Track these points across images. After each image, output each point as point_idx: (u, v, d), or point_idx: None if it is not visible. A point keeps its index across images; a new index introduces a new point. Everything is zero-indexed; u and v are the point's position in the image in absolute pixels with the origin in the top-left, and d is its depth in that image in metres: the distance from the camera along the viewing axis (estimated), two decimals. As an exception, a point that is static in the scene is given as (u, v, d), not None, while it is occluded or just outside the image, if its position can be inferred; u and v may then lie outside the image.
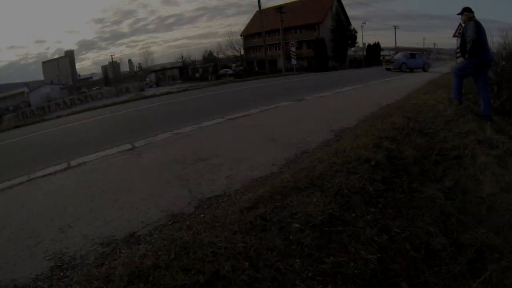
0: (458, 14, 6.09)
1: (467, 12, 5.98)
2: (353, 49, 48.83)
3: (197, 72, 62.32)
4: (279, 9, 29.59)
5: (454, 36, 17.71)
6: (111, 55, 63.41)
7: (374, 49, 46.57)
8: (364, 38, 60.73)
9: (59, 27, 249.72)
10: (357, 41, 47.49)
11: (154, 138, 4.31)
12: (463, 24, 6.33)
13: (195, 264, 1.52)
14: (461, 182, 2.86)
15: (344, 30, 43.50)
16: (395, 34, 58.84)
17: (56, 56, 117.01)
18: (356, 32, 46.05)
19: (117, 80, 67.08)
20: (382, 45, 50.73)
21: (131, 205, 2.38)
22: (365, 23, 62.05)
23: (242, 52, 53.50)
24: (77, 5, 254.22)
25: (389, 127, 3.90)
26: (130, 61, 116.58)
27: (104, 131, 6.19)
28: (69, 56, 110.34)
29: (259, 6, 25.89)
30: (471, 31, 5.68)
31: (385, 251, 1.79)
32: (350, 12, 46.81)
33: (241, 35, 55.55)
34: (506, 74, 8.45)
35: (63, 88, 70.81)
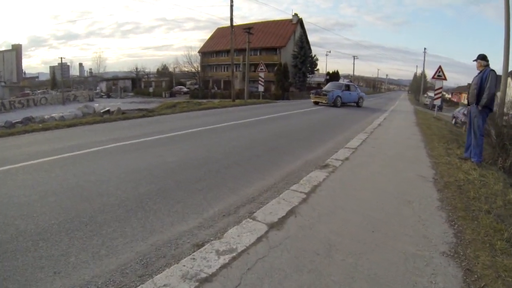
0: (474, 60, 5.78)
1: (481, 60, 5.68)
2: (310, 75, 49.57)
3: (150, 86, 59.07)
4: (248, 29, 28.37)
5: (433, 78, 17.88)
6: (61, 58, 57.55)
7: (334, 77, 47.74)
8: (323, 65, 62.81)
9: (10, 16, 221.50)
10: (317, 68, 48.46)
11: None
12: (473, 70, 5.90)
13: None
14: None
15: (306, 57, 43.97)
16: (354, 63, 61.84)
17: (2, 49, 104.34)
18: (317, 59, 46.99)
19: (65, 84, 60.83)
20: (340, 73, 52.64)
21: None
22: (330, 51, 64.39)
23: (199, 69, 51.57)
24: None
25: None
26: (81, 64, 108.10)
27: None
28: (17, 50, 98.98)
29: (231, 24, 24.45)
30: (491, 83, 5.35)
31: None
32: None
33: (199, 52, 53.76)
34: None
35: (5, 86, 63.25)
